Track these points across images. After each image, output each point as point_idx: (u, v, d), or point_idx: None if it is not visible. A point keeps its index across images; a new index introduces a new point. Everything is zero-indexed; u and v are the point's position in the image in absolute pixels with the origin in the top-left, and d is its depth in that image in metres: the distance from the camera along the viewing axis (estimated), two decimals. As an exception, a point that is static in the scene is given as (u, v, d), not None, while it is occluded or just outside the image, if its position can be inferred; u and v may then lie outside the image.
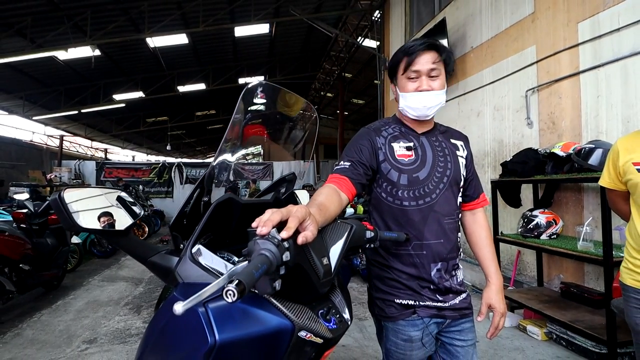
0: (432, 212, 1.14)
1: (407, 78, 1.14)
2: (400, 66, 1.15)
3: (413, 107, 1.15)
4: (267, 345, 0.73)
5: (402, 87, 1.15)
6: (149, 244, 0.87)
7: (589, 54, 3.03)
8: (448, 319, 1.18)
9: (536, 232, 2.89)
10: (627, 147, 1.42)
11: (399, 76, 1.16)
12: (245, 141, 1.25)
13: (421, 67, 1.12)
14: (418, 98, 1.13)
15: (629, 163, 1.38)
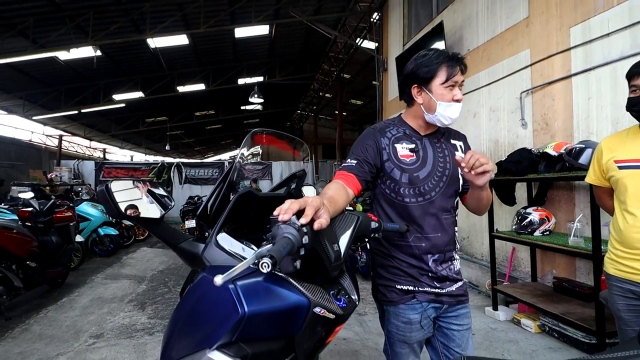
0: (432, 208, 1.25)
1: (446, 87, 1.18)
2: (439, 74, 1.18)
3: (446, 116, 1.20)
4: (286, 319, 0.84)
5: (441, 95, 1.18)
6: (178, 232, 0.97)
7: (580, 58, 3.15)
8: (445, 304, 1.29)
9: (530, 229, 3.01)
10: (610, 146, 1.54)
11: (435, 84, 1.19)
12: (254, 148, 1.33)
13: (458, 79, 1.19)
14: (456, 108, 1.20)
15: (611, 161, 1.49)
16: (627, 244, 1.43)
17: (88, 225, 6.21)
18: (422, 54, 1.24)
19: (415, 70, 1.22)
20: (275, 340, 0.87)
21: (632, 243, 1.41)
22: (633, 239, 1.40)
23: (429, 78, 1.19)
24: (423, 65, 1.20)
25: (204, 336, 0.80)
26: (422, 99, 1.24)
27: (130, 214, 0.83)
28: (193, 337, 0.84)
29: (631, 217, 1.42)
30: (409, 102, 1.31)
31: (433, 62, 1.18)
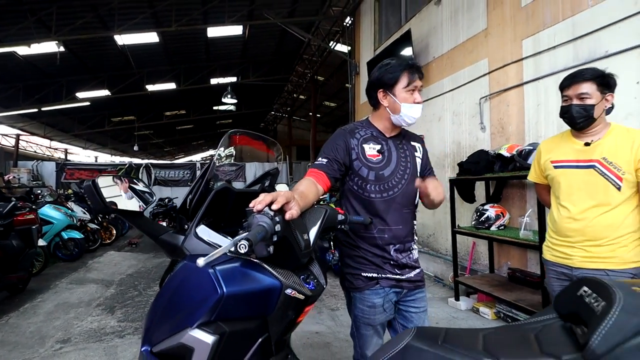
0: (394, 203, 1.39)
1: (408, 91, 1.35)
2: (401, 80, 1.34)
3: (410, 116, 1.36)
4: (261, 300, 0.94)
5: (404, 98, 1.35)
6: (159, 225, 1.04)
7: (531, 68, 3.45)
8: (405, 289, 1.43)
9: (487, 224, 3.26)
10: (547, 148, 1.75)
11: (398, 88, 1.35)
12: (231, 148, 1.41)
13: (418, 84, 1.36)
14: (417, 109, 1.36)
15: (548, 161, 1.70)
16: (560, 233, 1.63)
17: (51, 228, 5.95)
18: (385, 63, 1.40)
19: (381, 77, 1.38)
20: (250, 320, 0.97)
21: (564, 232, 1.61)
22: (565, 228, 1.61)
23: (393, 83, 1.35)
24: (387, 72, 1.36)
25: (185, 317, 0.89)
26: (388, 102, 1.39)
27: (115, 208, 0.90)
28: (174, 319, 0.92)
29: (564, 210, 1.63)
30: (375, 106, 1.45)
31: (396, 69, 1.35)
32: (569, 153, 1.64)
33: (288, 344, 1.17)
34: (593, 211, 1.53)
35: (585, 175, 1.56)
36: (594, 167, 1.54)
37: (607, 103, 1.57)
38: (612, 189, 1.51)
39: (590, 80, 1.55)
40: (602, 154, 1.54)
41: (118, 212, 0.92)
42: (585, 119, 1.56)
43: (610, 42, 2.79)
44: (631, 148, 1.48)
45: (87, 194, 0.88)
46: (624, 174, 1.48)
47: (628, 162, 1.48)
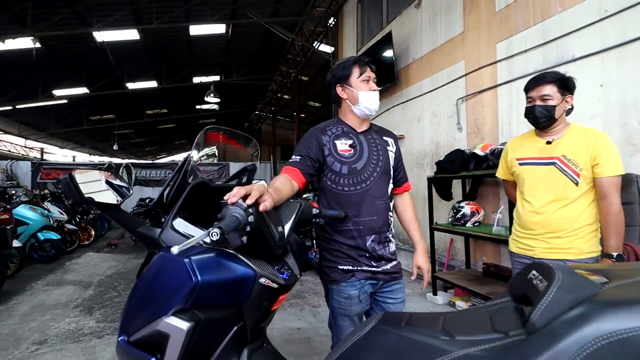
0: (367, 195, 1.45)
1: (362, 81, 1.46)
2: (354, 71, 1.47)
3: (369, 103, 1.46)
4: (236, 288, 0.98)
5: (360, 87, 1.46)
6: (136, 217, 1.07)
7: (504, 70, 3.59)
8: (381, 281, 1.49)
9: (463, 221, 3.38)
10: (514, 146, 1.85)
11: (353, 79, 1.47)
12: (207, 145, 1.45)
13: (370, 74, 1.48)
14: (374, 96, 1.47)
15: (514, 159, 1.80)
16: (524, 226, 1.73)
17: (26, 229, 5.78)
18: (336, 64, 1.53)
19: (335, 74, 1.50)
20: (225, 308, 1.01)
21: (527, 225, 1.71)
22: (528, 222, 1.71)
23: (347, 75, 1.47)
24: (340, 68, 1.49)
25: (161, 305, 0.92)
26: (346, 94, 1.50)
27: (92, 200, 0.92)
28: (150, 308, 0.95)
29: (527, 204, 1.73)
30: (338, 102, 1.54)
31: (347, 64, 1.48)
32: (533, 151, 1.74)
33: (264, 333, 1.22)
34: (553, 205, 1.64)
35: (546, 172, 1.66)
36: (555, 164, 1.65)
37: (567, 104, 1.68)
38: (570, 184, 1.61)
39: (551, 82, 1.65)
40: (562, 152, 1.64)
41: (95, 204, 0.94)
42: (548, 119, 1.66)
43: (577, 46, 2.95)
44: (588, 147, 1.59)
45: (63, 187, 0.90)
46: (581, 170, 1.59)
47: (585, 159, 1.59)
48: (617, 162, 1.58)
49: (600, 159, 1.56)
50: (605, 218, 1.57)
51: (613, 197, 1.56)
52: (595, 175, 1.59)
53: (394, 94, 5.53)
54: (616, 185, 1.57)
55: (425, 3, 4.87)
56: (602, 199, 1.58)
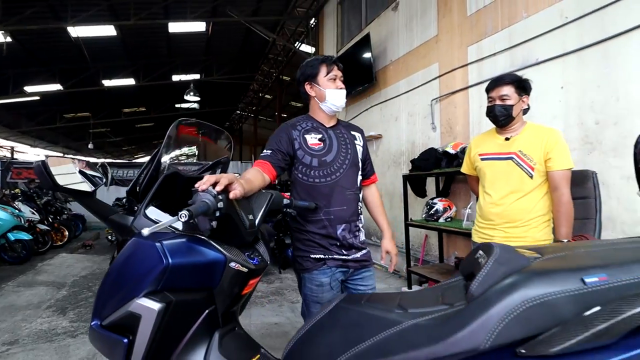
0: (337, 186, 1.53)
1: (329, 79, 1.54)
2: (321, 70, 1.54)
3: (335, 101, 1.55)
4: (206, 271, 1.03)
5: (327, 85, 1.54)
6: (108, 205, 1.10)
7: (475, 72, 3.75)
8: (351, 268, 1.57)
9: (435, 217, 3.51)
10: (477, 143, 1.97)
11: (321, 78, 1.54)
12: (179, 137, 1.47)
13: (337, 73, 1.56)
14: (341, 94, 1.55)
15: (477, 155, 1.92)
16: (485, 217, 1.85)
17: (-5, 229, 5.60)
18: (305, 62, 1.60)
19: (304, 72, 1.57)
20: (196, 291, 1.06)
21: (488, 216, 1.83)
22: (489, 213, 1.83)
23: (315, 74, 1.54)
24: (308, 66, 1.56)
25: (133, 287, 0.96)
26: (315, 92, 1.57)
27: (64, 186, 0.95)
28: (123, 291, 0.98)
29: (488, 197, 1.85)
30: (307, 99, 1.61)
31: (315, 63, 1.55)
32: (493, 147, 1.86)
33: (236, 318, 1.27)
34: (511, 197, 1.76)
35: (505, 166, 1.79)
36: (512, 158, 1.77)
37: (524, 104, 1.81)
38: (526, 177, 1.74)
39: (509, 83, 1.78)
40: (518, 147, 1.77)
41: (67, 191, 0.97)
42: (506, 117, 1.79)
43: (540, 50, 3.12)
44: (541, 143, 1.73)
45: (36, 173, 0.92)
46: (536, 164, 1.72)
47: (539, 155, 1.72)
48: (567, 157, 1.71)
49: (552, 154, 1.70)
50: (557, 208, 1.70)
51: (563, 189, 1.69)
52: (547, 169, 1.72)
53: (373, 94, 5.66)
54: (566, 178, 1.70)
55: (402, 6, 5.01)
56: (554, 191, 1.71)
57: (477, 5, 3.75)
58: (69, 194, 0.99)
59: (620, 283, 0.66)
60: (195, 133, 1.56)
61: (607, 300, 0.65)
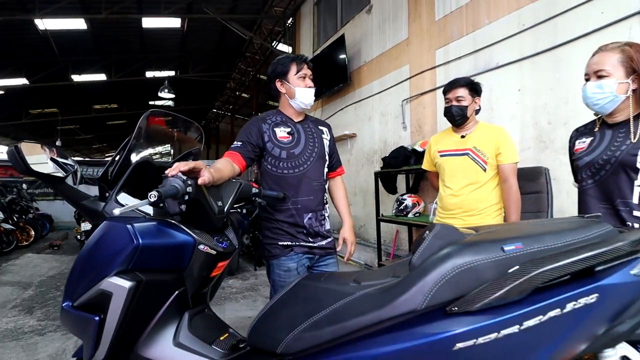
0: (305, 177, 1.62)
1: (299, 78, 1.62)
2: (292, 68, 1.62)
3: (304, 98, 1.63)
4: (176, 253, 1.09)
5: (297, 83, 1.62)
6: (80, 191, 1.14)
7: (442, 75, 3.94)
8: (317, 255, 1.66)
9: (405, 212, 3.67)
10: (435, 141, 2.13)
11: (291, 76, 1.62)
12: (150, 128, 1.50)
13: (307, 72, 1.64)
14: (309, 92, 1.63)
15: (436, 151, 2.07)
16: (445, 208, 2.00)
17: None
18: (276, 60, 1.68)
19: (275, 70, 1.65)
20: (167, 272, 1.12)
21: (448, 206, 1.98)
22: (448, 204, 1.98)
23: (285, 72, 1.62)
24: (279, 64, 1.64)
25: (104, 267, 1.01)
26: (285, 89, 1.65)
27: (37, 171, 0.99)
28: (94, 271, 1.04)
29: (447, 189, 2.00)
30: (277, 95, 1.69)
31: (285, 61, 1.64)
32: (450, 144, 2.02)
33: (205, 300, 1.33)
34: (467, 188, 1.92)
35: (461, 161, 1.94)
36: (468, 154, 1.93)
37: (476, 105, 1.99)
38: (480, 170, 1.90)
39: (464, 86, 1.95)
40: (473, 144, 1.92)
41: (40, 175, 1.01)
42: (462, 117, 1.95)
43: (500, 55, 3.33)
44: (493, 140, 1.90)
45: (9, 158, 0.96)
46: (488, 159, 1.88)
47: (491, 150, 1.89)
48: (514, 152, 1.90)
49: (502, 149, 1.87)
50: (507, 197, 1.88)
51: (512, 180, 1.86)
52: (498, 163, 1.89)
53: (347, 94, 5.79)
54: (514, 171, 1.88)
55: (375, 9, 5.17)
56: (504, 182, 1.88)
57: (444, 11, 3.94)
58: (41, 178, 1.03)
59: (532, 250, 0.79)
60: (165, 124, 1.61)
61: (521, 264, 0.77)
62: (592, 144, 1.40)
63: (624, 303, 0.76)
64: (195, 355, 1.13)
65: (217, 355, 1.14)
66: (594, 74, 1.35)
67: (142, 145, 1.29)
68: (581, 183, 1.44)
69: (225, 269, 1.32)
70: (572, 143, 1.53)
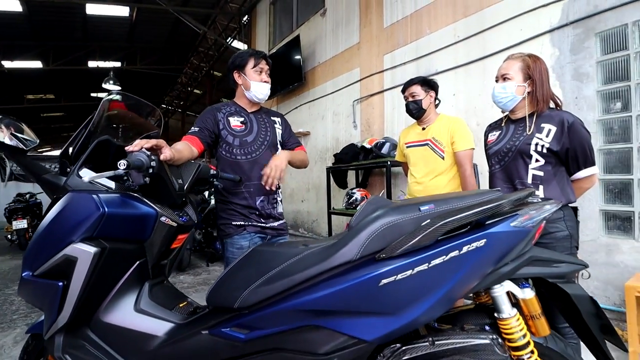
0: (257, 163, 1.75)
1: (255, 71, 1.74)
2: (249, 62, 1.74)
3: (259, 92, 1.75)
4: (139, 223, 1.18)
5: (253, 77, 1.74)
6: (42, 165, 1.19)
7: (389, 78, 4.27)
8: (269, 235, 1.80)
9: (354, 205, 3.91)
10: (404, 135, 2.37)
11: (248, 69, 1.74)
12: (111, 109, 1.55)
13: (264, 67, 1.76)
14: (264, 87, 1.76)
15: (403, 144, 2.31)
16: (411, 194, 2.23)
17: None
18: (237, 53, 1.80)
19: (234, 61, 1.77)
20: (129, 242, 1.21)
21: (413, 193, 2.22)
22: (415, 190, 2.22)
23: (244, 65, 1.75)
24: (238, 57, 1.77)
25: (68, 234, 1.08)
26: (241, 80, 1.77)
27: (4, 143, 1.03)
28: (57, 240, 1.10)
29: (412, 177, 2.24)
30: (234, 86, 1.81)
31: (244, 55, 1.76)
32: (414, 136, 2.27)
33: (165, 273, 1.42)
34: (428, 176, 2.16)
35: (423, 151, 2.19)
36: (427, 144, 2.17)
37: (431, 98, 2.22)
38: (439, 159, 2.14)
39: (416, 83, 2.20)
40: (432, 135, 2.17)
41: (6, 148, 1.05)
42: (418, 110, 2.20)
43: (439, 63, 3.71)
44: (448, 130, 2.13)
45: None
46: (445, 148, 2.13)
47: (447, 139, 2.13)
48: (468, 140, 2.13)
49: (455, 137, 2.11)
50: (462, 181, 2.14)
51: (466, 165, 2.11)
52: (453, 150, 2.13)
53: (302, 93, 5.97)
54: (468, 157, 2.12)
55: (329, 13, 5.41)
56: (459, 168, 2.13)
57: (391, 19, 4.27)
58: (6, 151, 1.07)
59: (440, 209, 1.00)
60: (126, 107, 1.66)
61: (432, 218, 0.98)
62: (499, 136, 1.70)
63: (505, 248, 1.00)
64: (156, 319, 1.22)
65: (177, 319, 1.24)
66: (501, 77, 1.65)
67: (102, 125, 1.35)
68: (491, 168, 1.74)
69: (184, 243, 1.42)
70: (486, 136, 1.83)
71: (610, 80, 2.58)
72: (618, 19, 2.50)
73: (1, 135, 1.10)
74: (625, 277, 2.32)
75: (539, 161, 1.56)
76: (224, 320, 1.12)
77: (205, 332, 1.14)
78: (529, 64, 1.60)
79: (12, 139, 1.11)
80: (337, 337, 0.98)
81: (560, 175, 1.57)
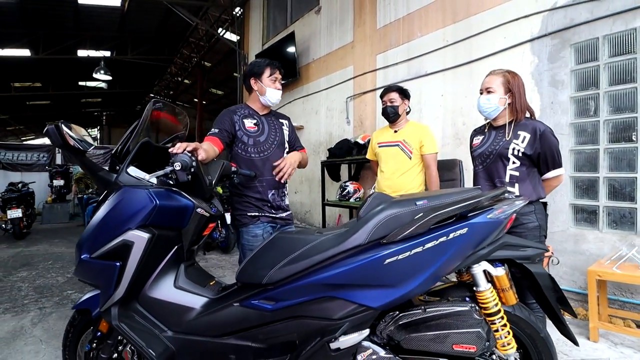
0: (268, 160, 1.98)
1: (270, 80, 1.97)
2: (266, 71, 1.97)
3: (272, 98, 1.99)
4: (180, 214, 1.40)
5: (268, 84, 1.97)
6: (96, 164, 1.39)
7: (381, 77, 4.50)
8: (278, 224, 2.04)
9: (347, 197, 4.17)
10: (376, 135, 2.62)
11: (264, 77, 1.97)
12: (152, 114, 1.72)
13: (278, 76, 2.00)
14: (277, 93, 2.00)
15: (376, 144, 2.56)
16: (381, 189, 2.50)
17: None
18: (254, 61, 2.03)
19: (252, 69, 2.00)
20: (171, 229, 1.42)
21: (383, 188, 2.48)
22: (384, 186, 2.47)
23: (260, 73, 1.98)
24: (256, 66, 2.00)
25: (126, 222, 1.29)
26: (257, 87, 2.00)
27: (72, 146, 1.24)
28: (115, 226, 1.31)
29: (382, 173, 2.50)
30: (250, 91, 2.04)
31: (262, 64, 1.99)
32: (386, 137, 2.52)
33: (194, 257, 1.64)
34: (396, 173, 2.43)
35: (393, 151, 2.45)
36: (398, 145, 2.44)
37: (405, 106, 2.49)
38: (407, 159, 2.41)
39: (395, 90, 2.46)
40: (403, 137, 2.44)
41: (71, 149, 1.25)
42: (394, 115, 2.45)
43: (429, 65, 3.95)
44: (418, 135, 2.42)
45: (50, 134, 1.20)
46: (413, 149, 2.41)
47: (416, 143, 2.41)
48: (434, 144, 2.43)
49: (424, 142, 2.40)
50: (428, 180, 2.42)
51: (432, 167, 2.41)
52: (422, 153, 2.41)
53: (296, 88, 6.15)
54: (434, 159, 2.42)
55: (324, 11, 5.58)
56: (427, 169, 2.42)
57: (384, 20, 4.48)
58: (71, 151, 1.27)
59: (433, 204, 1.25)
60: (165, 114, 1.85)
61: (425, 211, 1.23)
62: (483, 140, 1.97)
63: (483, 235, 1.26)
64: (193, 294, 1.45)
65: (211, 294, 1.47)
66: (485, 89, 1.90)
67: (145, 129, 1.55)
68: (475, 168, 2.01)
69: (211, 231, 1.64)
70: (471, 139, 2.09)
71: (582, 87, 2.87)
72: (591, 32, 2.78)
73: (66, 138, 1.29)
74: (590, 263, 2.63)
75: (516, 163, 1.83)
76: (253, 294, 1.35)
77: (236, 305, 1.37)
78: (508, 79, 1.86)
79: (73, 141, 1.31)
80: (349, 306, 1.23)
81: (533, 175, 1.85)
